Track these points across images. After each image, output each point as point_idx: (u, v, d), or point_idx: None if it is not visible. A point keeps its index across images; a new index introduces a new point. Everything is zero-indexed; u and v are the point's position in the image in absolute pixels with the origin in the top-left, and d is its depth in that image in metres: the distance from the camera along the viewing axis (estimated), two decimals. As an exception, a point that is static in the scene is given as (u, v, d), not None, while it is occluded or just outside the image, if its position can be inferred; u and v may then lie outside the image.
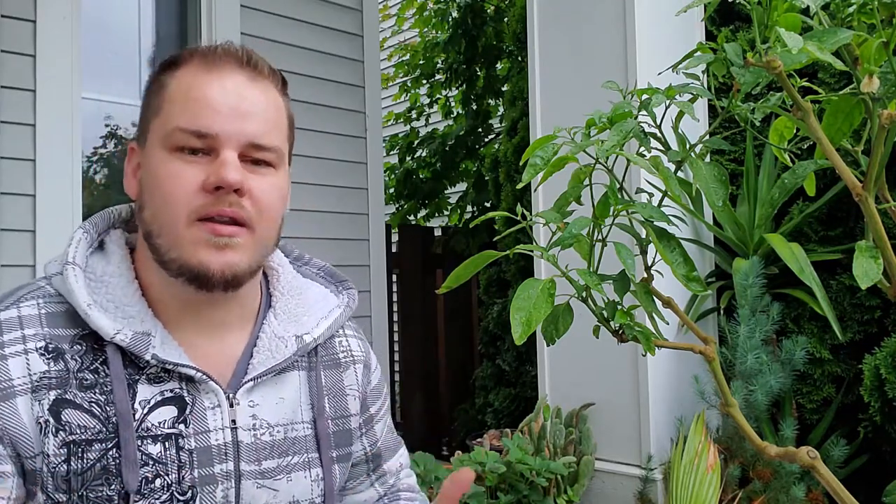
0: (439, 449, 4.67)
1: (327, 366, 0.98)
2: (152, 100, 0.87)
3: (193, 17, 3.11)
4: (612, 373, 2.45)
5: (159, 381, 0.83)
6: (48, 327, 0.82)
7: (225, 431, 0.86)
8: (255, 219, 0.84)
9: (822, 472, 0.86)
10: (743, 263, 2.33)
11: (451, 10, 5.56)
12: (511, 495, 2.16)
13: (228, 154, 0.82)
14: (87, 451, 0.79)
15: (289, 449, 0.90)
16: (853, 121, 0.83)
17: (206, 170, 0.82)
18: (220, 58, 0.85)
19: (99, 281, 0.85)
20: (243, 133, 0.83)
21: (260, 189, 0.84)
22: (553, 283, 0.85)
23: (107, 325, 0.81)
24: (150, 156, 0.84)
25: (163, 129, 0.83)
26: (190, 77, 0.84)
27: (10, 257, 2.50)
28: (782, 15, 0.76)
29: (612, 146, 0.83)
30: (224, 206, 0.82)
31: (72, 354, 0.81)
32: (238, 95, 0.84)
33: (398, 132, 6.22)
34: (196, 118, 0.82)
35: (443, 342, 5.05)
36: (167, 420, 0.83)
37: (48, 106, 2.60)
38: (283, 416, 0.90)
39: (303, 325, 0.95)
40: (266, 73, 0.88)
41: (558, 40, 2.69)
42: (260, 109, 0.85)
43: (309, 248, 0.88)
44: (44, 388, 0.79)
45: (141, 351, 0.81)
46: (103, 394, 0.81)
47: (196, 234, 0.81)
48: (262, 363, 0.89)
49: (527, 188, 3.04)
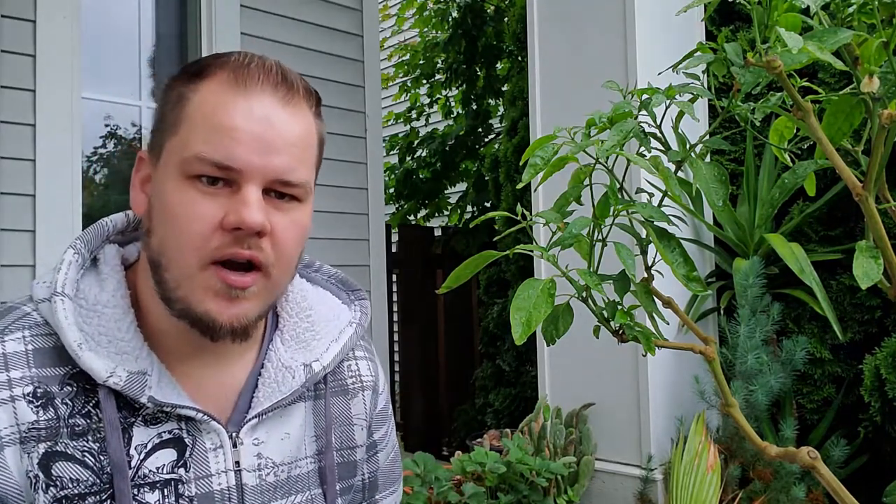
0: (439, 449, 4.67)
1: (335, 393, 0.92)
2: (169, 113, 0.77)
3: (193, 17, 3.11)
4: (612, 373, 2.45)
5: (156, 423, 0.77)
6: (36, 367, 0.74)
7: (228, 475, 0.80)
8: (272, 262, 0.76)
9: (822, 472, 0.86)
10: (743, 263, 2.33)
11: (451, 10, 5.56)
12: (511, 495, 2.16)
13: (252, 191, 0.73)
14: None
15: (292, 488, 0.84)
16: (853, 121, 0.83)
17: (226, 205, 0.73)
18: (252, 75, 0.76)
19: (91, 310, 0.77)
20: (270, 168, 0.74)
21: (282, 228, 0.76)
22: (553, 283, 0.85)
23: (99, 367, 0.74)
24: (164, 178, 0.76)
25: (180, 152, 0.74)
26: (215, 95, 0.75)
27: (10, 257, 2.50)
28: (782, 15, 0.76)
29: (612, 146, 0.83)
30: (242, 247, 0.74)
31: (62, 398, 0.74)
32: (267, 122, 0.75)
33: (398, 132, 6.22)
34: (218, 148, 0.73)
35: (443, 342, 5.05)
36: (165, 465, 0.77)
37: (48, 106, 2.60)
38: (289, 453, 0.84)
39: (311, 350, 0.88)
40: (301, 95, 0.79)
41: (558, 40, 2.69)
42: (290, 141, 0.76)
43: (309, 248, 0.85)
44: (32, 440, 0.73)
45: (136, 394, 0.74)
46: (96, 441, 0.74)
47: (208, 280, 0.74)
48: (267, 397, 0.82)
49: (527, 188, 3.04)
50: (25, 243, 2.53)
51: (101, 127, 2.91)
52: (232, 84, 0.75)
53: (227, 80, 0.76)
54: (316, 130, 0.82)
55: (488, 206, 5.07)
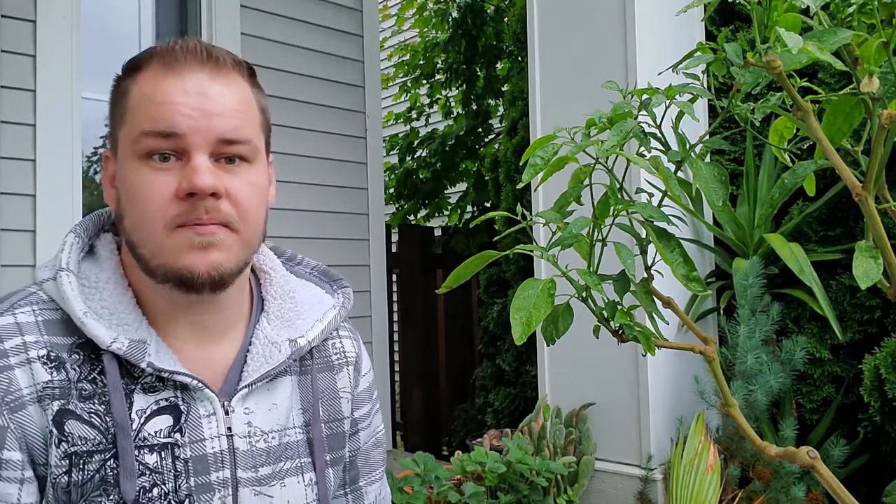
0: (439, 449, 4.67)
1: (321, 369, 0.97)
2: (116, 108, 0.85)
3: (193, 17, 3.11)
4: (612, 373, 2.45)
5: (154, 391, 0.83)
6: (47, 335, 0.81)
7: (221, 439, 0.85)
8: (236, 220, 0.82)
9: (822, 472, 0.86)
10: (743, 263, 2.33)
11: (451, 10, 5.56)
12: (511, 495, 2.16)
13: (199, 158, 0.79)
14: (87, 463, 0.78)
15: (282, 455, 0.89)
16: (853, 121, 0.83)
17: (178, 176, 0.80)
18: (179, 57, 0.82)
19: (93, 287, 0.83)
20: (212, 131, 0.80)
21: (237, 189, 0.82)
22: (553, 283, 0.85)
23: (103, 334, 0.80)
24: (123, 165, 0.83)
25: (129, 136, 0.81)
26: (151, 81, 0.82)
27: (10, 257, 2.50)
28: (782, 15, 0.76)
29: (612, 146, 0.83)
30: (201, 213, 0.80)
31: (71, 364, 0.80)
32: (201, 94, 0.81)
33: (398, 132, 6.21)
34: (160, 120, 0.79)
35: (443, 342, 5.04)
36: (163, 430, 0.82)
37: (48, 106, 2.60)
38: (277, 422, 0.90)
39: (296, 328, 0.94)
40: (230, 66, 0.84)
41: (558, 40, 2.69)
42: (226, 105, 0.82)
43: (309, 248, 0.88)
44: (47, 398, 0.78)
45: (137, 359, 0.80)
46: (102, 404, 0.80)
47: (177, 239, 0.80)
48: (255, 370, 0.88)
49: (527, 188, 3.04)
50: (25, 243, 2.53)
51: (101, 127, 2.91)
52: (163, 68, 0.82)
53: (159, 66, 0.82)
54: (254, 97, 0.87)
55: (488, 206, 5.07)
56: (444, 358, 5.04)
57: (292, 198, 3.19)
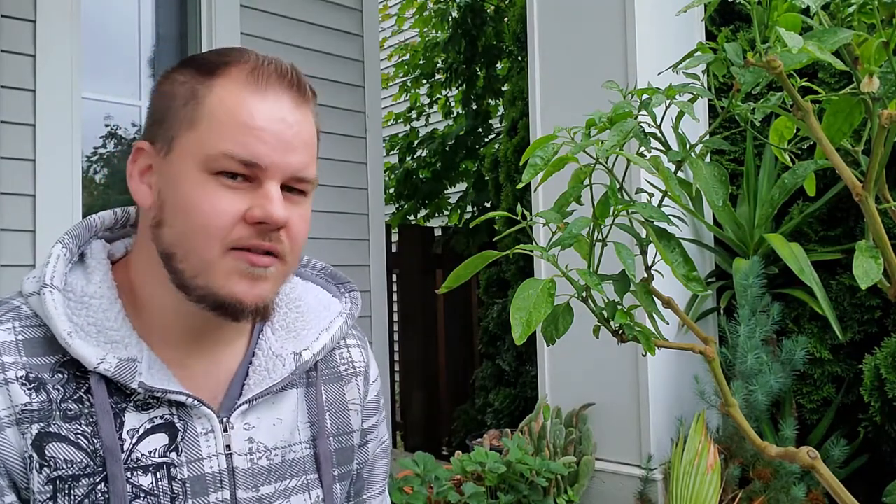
0: (439, 449, 4.67)
1: (328, 380, 0.94)
2: (182, 109, 0.79)
3: (193, 17, 3.11)
4: (612, 373, 2.45)
5: (148, 408, 0.79)
6: (27, 356, 0.77)
7: (220, 458, 0.82)
8: (288, 251, 0.81)
9: (822, 472, 0.86)
10: (743, 263, 2.33)
11: (451, 10, 5.56)
12: (511, 495, 2.16)
13: (274, 187, 0.78)
14: (73, 487, 0.75)
15: (286, 472, 0.86)
16: (853, 121, 0.83)
17: (248, 199, 0.77)
18: (269, 76, 0.79)
19: (79, 301, 0.79)
20: (289, 165, 0.79)
21: (295, 221, 0.81)
22: (553, 283, 0.85)
23: (89, 354, 0.76)
24: (180, 172, 0.78)
25: (201, 148, 0.77)
26: (234, 94, 0.78)
27: (10, 257, 2.50)
28: (782, 15, 0.76)
29: (612, 146, 0.83)
30: (264, 240, 0.78)
31: (53, 384, 0.76)
32: (285, 123, 0.79)
33: (398, 132, 6.22)
34: (246, 146, 0.76)
35: (443, 342, 5.05)
36: (157, 449, 0.79)
37: (48, 106, 2.60)
38: (281, 438, 0.86)
39: (301, 340, 0.90)
40: (309, 96, 0.84)
41: (558, 40, 2.69)
42: (304, 140, 0.81)
43: (308, 249, 0.86)
44: (26, 420, 0.75)
45: (127, 380, 0.77)
46: (89, 425, 0.76)
47: (231, 264, 0.77)
48: (257, 384, 0.85)
49: (527, 188, 3.04)
50: (25, 243, 2.53)
51: (101, 127, 2.91)
52: (252, 84, 0.79)
53: (245, 80, 0.79)
54: (317, 129, 0.86)
55: (488, 206, 5.07)
56: (444, 358, 5.04)
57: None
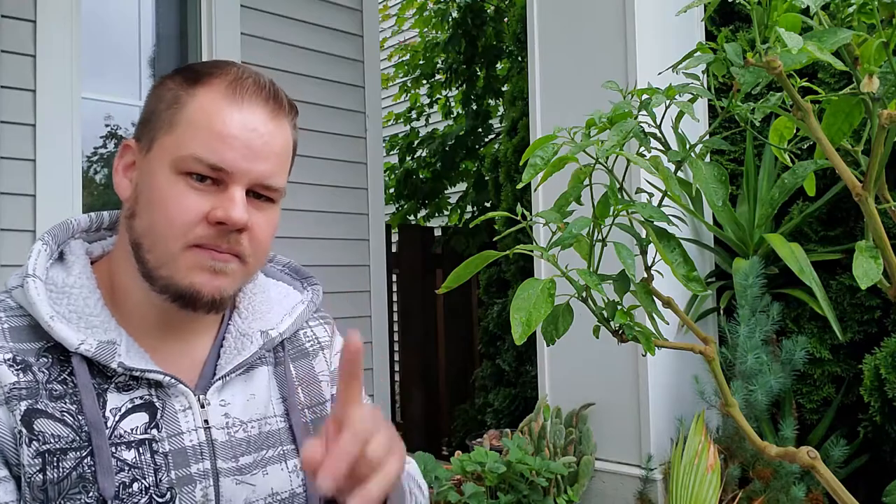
0: (439, 449, 4.67)
1: (295, 357, 0.99)
2: (164, 111, 0.85)
3: (193, 17, 3.11)
4: (612, 373, 2.45)
5: (129, 389, 0.84)
6: (13, 342, 0.82)
7: (199, 432, 0.86)
8: (249, 254, 0.85)
9: (822, 472, 0.86)
10: (743, 263, 2.33)
11: (451, 10, 5.56)
12: (511, 495, 2.16)
13: (237, 191, 0.82)
14: (62, 460, 0.79)
15: (263, 443, 0.91)
16: (853, 121, 0.83)
17: (213, 201, 0.82)
18: (247, 89, 0.85)
19: (60, 292, 0.85)
20: (255, 173, 0.84)
21: (259, 226, 0.85)
22: (553, 283, 0.85)
23: (70, 336, 0.81)
24: (155, 170, 0.84)
25: (175, 150, 0.83)
26: (213, 103, 0.83)
27: (9, 257, 2.50)
28: (782, 15, 0.76)
29: (612, 146, 0.83)
30: (223, 241, 0.83)
31: (39, 367, 0.81)
32: (256, 133, 0.84)
33: (398, 132, 6.22)
34: (215, 152, 0.82)
35: (443, 342, 5.05)
36: (139, 426, 0.83)
37: (48, 106, 2.60)
38: (256, 411, 0.92)
39: (267, 321, 0.96)
40: (286, 109, 0.88)
41: (558, 40, 2.69)
42: (275, 150, 0.86)
43: (309, 248, 0.88)
44: (14, 398, 0.79)
45: (107, 360, 0.82)
46: (73, 403, 0.81)
47: (192, 258, 0.82)
48: (228, 362, 0.91)
49: (527, 188, 3.04)
50: (25, 243, 2.53)
51: (101, 127, 2.91)
52: (229, 95, 0.84)
53: (225, 92, 0.84)
54: (293, 141, 0.92)
55: (488, 206, 5.07)
56: (444, 358, 5.05)
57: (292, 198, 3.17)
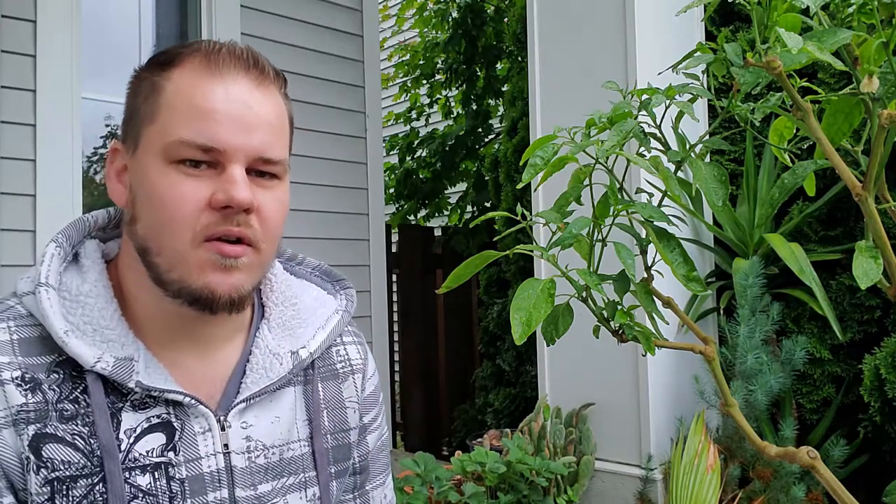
0: (439, 449, 4.67)
1: (325, 378, 0.94)
2: (143, 103, 0.79)
3: (193, 17, 3.11)
4: (612, 373, 2.45)
5: (145, 407, 0.78)
6: (22, 356, 0.76)
7: (217, 457, 0.81)
8: (261, 238, 0.79)
9: (822, 472, 0.86)
10: (743, 263, 2.33)
11: (451, 10, 5.56)
12: (511, 495, 2.16)
13: (237, 170, 0.76)
14: (72, 488, 0.74)
15: (284, 470, 0.86)
16: (853, 121, 0.83)
17: (212, 185, 0.76)
18: (224, 60, 0.78)
19: (74, 301, 0.79)
20: (250, 146, 0.77)
21: (267, 205, 0.80)
22: (553, 283, 0.85)
23: (86, 353, 0.75)
24: (146, 166, 0.78)
25: (161, 138, 0.76)
26: (190, 81, 0.77)
27: (9, 257, 2.50)
28: (782, 15, 0.76)
29: (612, 146, 0.83)
30: (232, 225, 0.76)
31: (49, 384, 0.76)
32: (244, 104, 0.78)
33: (398, 132, 6.22)
34: (201, 131, 0.75)
35: (443, 342, 5.05)
36: (155, 448, 0.78)
37: (48, 106, 2.59)
38: (279, 436, 0.86)
39: (298, 338, 0.90)
40: (271, 77, 0.82)
41: (558, 40, 2.69)
42: (267, 119, 0.79)
43: (309, 249, 0.87)
44: (22, 422, 0.74)
45: (124, 379, 0.76)
46: (86, 425, 0.75)
47: (202, 255, 0.76)
48: (255, 382, 0.84)
49: (527, 188, 3.04)
50: (25, 243, 2.53)
51: (101, 127, 2.91)
52: (205, 69, 0.78)
53: (200, 66, 0.78)
54: (287, 110, 0.85)
55: (488, 206, 5.07)
56: (444, 358, 5.04)
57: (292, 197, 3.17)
